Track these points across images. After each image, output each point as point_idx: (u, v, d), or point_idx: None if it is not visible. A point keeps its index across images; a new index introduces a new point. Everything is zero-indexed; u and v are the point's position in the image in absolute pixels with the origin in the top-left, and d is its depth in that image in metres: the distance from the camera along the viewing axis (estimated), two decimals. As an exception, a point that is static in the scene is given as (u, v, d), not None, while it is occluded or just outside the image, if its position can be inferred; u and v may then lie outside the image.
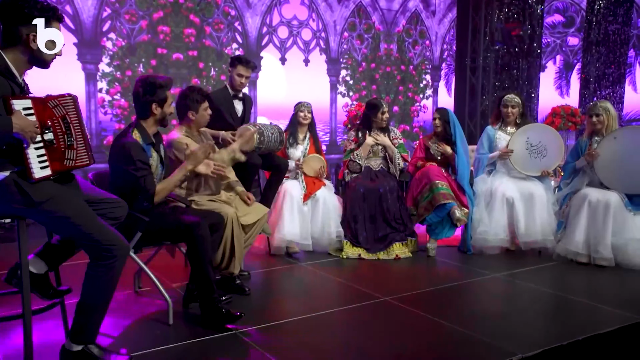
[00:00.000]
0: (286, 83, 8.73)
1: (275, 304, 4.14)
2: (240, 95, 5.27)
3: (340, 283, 4.67)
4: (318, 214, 5.53)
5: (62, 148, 2.78)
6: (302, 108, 5.68)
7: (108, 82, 7.26)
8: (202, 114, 4.24)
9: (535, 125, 5.80)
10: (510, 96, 5.82)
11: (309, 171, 5.65)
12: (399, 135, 5.97)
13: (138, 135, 3.55)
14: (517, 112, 5.78)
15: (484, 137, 5.94)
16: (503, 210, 5.54)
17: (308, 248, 5.49)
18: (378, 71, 9.61)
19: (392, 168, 5.80)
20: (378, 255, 5.44)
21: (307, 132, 5.80)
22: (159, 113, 3.62)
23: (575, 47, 11.30)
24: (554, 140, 5.67)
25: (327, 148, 9.15)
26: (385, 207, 5.54)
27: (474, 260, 5.40)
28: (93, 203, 2.95)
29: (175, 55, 7.60)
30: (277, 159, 5.30)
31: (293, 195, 5.43)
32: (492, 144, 5.86)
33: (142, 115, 3.62)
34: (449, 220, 5.49)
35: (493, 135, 5.86)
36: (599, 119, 5.41)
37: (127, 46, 7.32)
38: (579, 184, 5.48)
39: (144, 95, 3.56)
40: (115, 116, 7.33)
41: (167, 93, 3.63)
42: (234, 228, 4.07)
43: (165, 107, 3.63)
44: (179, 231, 3.59)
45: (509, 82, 9.77)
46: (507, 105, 5.78)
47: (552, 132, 5.76)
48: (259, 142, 4.81)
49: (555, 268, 5.18)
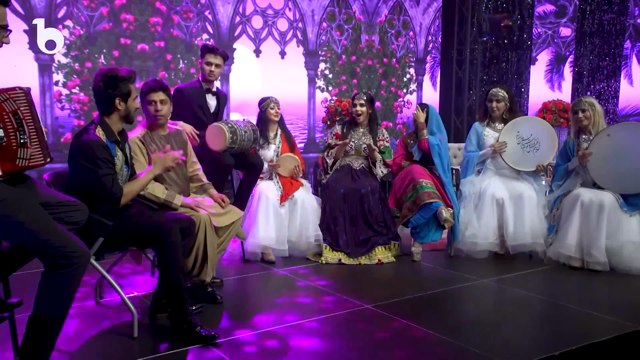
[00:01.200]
0: (261, 77, 8.70)
1: (249, 313, 4.11)
2: (214, 90, 5.22)
3: (319, 290, 4.66)
4: (295, 216, 5.52)
5: (14, 146, 2.73)
6: (271, 104, 5.64)
7: (65, 74, 7.15)
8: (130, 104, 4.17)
9: (524, 119, 5.83)
10: (495, 90, 5.85)
11: (283, 171, 5.64)
12: (387, 137, 5.97)
13: (101, 133, 3.50)
14: (504, 107, 5.80)
15: (471, 134, 5.96)
16: (493, 212, 5.57)
17: (285, 254, 5.48)
18: (359, 64, 9.62)
19: (374, 168, 5.81)
20: (359, 260, 5.44)
21: (277, 129, 5.78)
22: (123, 108, 3.58)
23: (567, 38, 11.41)
24: (545, 131, 5.71)
25: (305, 146, 9.14)
26: (367, 208, 5.54)
27: (461, 265, 5.42)
28: (49, 206, 2.90)
29: (140, 45, 7.53)
30: (251, 157, 5.27)
31: (269, 196, 5.41)
32: (479, 140, 5.88)
33: (105, 111, 3.58)
34: (435, 222, 5.50)
35: (481, 132, 5.89)
36: (585, 115, 5.44)
37: (86, 35, 7.21)
38: (571, 185, 5.50)
39: (105, 89, 3.52)
40: (74, 112, 7.23)
41: (131, 86, 3.59)
42: (207, 232, 4.06)
43: (129, 101, 3.59)
44: (147, 236, 3.55)
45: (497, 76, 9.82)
46: (492, 99, 5.80)
47: (542, 124, 5.80)
48: (232, 142, 4.78)
49: (547, 273, 5.20)
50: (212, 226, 4.12)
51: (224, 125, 4.80)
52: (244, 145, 4.93)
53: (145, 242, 3.65)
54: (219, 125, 4.80)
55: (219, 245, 4.29)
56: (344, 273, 5.17)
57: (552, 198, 5.59)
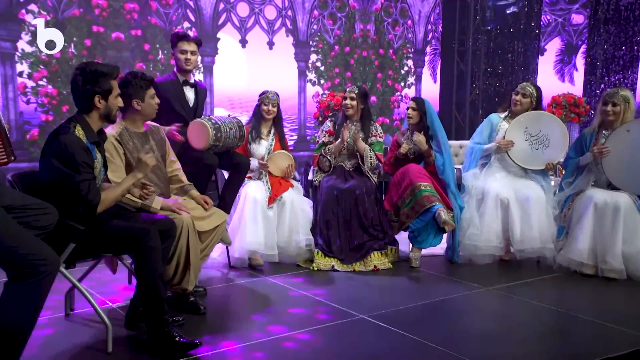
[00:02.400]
0: (247, 69, 8.67)
1: (235, 324, 4.09)
2: (192, 82, 5.19)
3: (310, 299, 4.63)
4: (285, 219, 5.50)
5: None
6: (265, 101, 5.63)
7: (30, 64, 7.04)
8: (149, 103, 4.17)
9: (532, 114, 5.77)
10: (525, 83, 5.86)
11: (274, 170, 5.61)
12: (380, 132, 5.95)
13: (81, 133, 3.45)
14: (528, 104, 5.74)
15: (485, 124, 5.94)
16: (496, 214, 5.56)
17: (274, 259, 5.45)
18: (353, 56, 9.59)
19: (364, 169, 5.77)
20: (354, 266, 5.42)
21: (272, 127, 5.76)
22: (103, 107, 3.54)
23: (579, 26, 11.33)
24: (555, 127, 5.70)
25: (295, 144, 9.11)
26: (361, 211, 5.53)
27: (463, 271, 5.41)
28: (13, 210, 2.86)
29: (114, 34, 7.44)
30: (237, 156, 5.25)
31: (256, 198, 5.38)
32: (492, 133, 5.85)
33: (83, 109, 3.54)
34: (434, 226, 5.48)
35: (497, 123, 5.86)
36: (615, 110, 5.34)
37: (54, 21, 7.10)
38: (584, 184, 5.46)
39: (83, 85, 3.47)
40: (41, 106, 7.11)
41: (112, 83, 3.56)
42: (190, 237, 4.03)
43: (110, 99, 3.55)
44: (123, 240, 3.52)
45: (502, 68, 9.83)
46: (518, 91, 5.78)
47: (551, 119, 5.79)
48: (215, 140, 4.76)
49: (557, 280, 5.20)
50: (194, 230, 4.10)
51: (207, 121, 4.76)
52: (229, 143, 4.90)
53: (121, 247, 3.61)
54: (202, 122, 4.76)
55: (202, 250, 4.26)
56: (337, 281, 5.15)
57: (562, 197, 5.57)
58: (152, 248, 3.48)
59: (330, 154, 5.80)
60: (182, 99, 5.12)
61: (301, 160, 8.69)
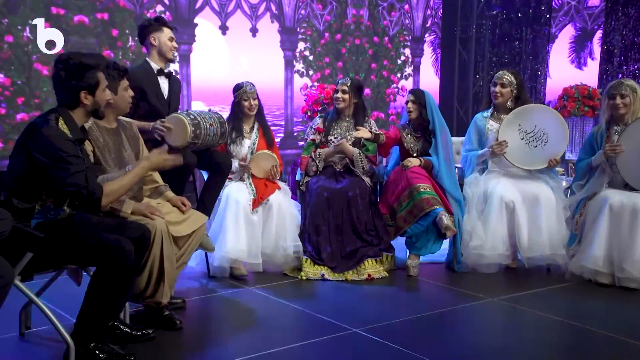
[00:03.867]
0: (228, 58, 8.67)
1: (214, 340, 4.09)
2: (167, 71, 5.19)
3: (298, 311, 4.64)
4: (271, 224, 5.50)
5: None
6: (245, 95, 5.60)
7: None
8: (122, 96, 4.16)
9: (523, 109, 5.72)
10: (501, 72, 5.82)
11: (257, 172, 5.62)
12: (375, 129, 5.93)
13: (65, 127, 3.43)
14: (509, 94, 5.75)
15: (471, 128, 5.97)
16: (501, 218, 5.56)
17: (258, 268, 5.45)
18: (345, 44, 9.60)
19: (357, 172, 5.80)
20: (346, 275, 5.43)
21: (255, 122, 5.76)
22: (91, 102, 3.53)
23: (595, 9, 11.32)
24: (550, 118, 5.70)
25: (282, 141, 9.11)
26: (354, 215, 5.54)
27: (466, 280, 5.42)
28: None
29: (77, 17, 7.35)
30: (218, 155, 5.24)
31: (239, 201, 5.38)
32: (482, 137, 5.87)
33: (69, 105, 3.52)
34: (434, 230, 5.51)
35: (484, 125, 5.88)
36: (624, 101, 5.37)
37: (4, 1, 7.01)
38: (597, 186, 5.46)
39: (68, 80, 3.45)
40: (-7, 97, 7.06)
41: (99, 75, 3.54)
42: (164, 244, 3.99)
43: (98, 93, 3.54)
44: (91, 252, 3.46)
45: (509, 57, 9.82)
46: (496, 82, 5.78)
47: (544, 110, 5.83)
48: (194, 137, 4.74)
49: (569, 291, 5.20)
50: (169, 236, 4.06)
51: (185, 116, 4.74)
52: (209, 140, 4.89)
53: (87, 259, 3.55)
54: (179, 117, 4.74)
55: (179, 258, 4.23)
56: (327, 291, 5.15)
57: (573, 201, 5.57)
58: (123, 266, 3.43)
59: (319, 160, 5.82)
60: (157, 90, 5.10)
61: (288, 158, 8.68)
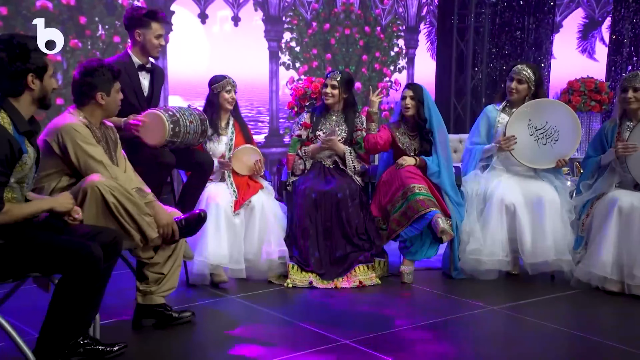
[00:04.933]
0: (209, 50, 8.65)
1: (194, 353, 4.08)
2: (149, 66, 5.20)
3: (284, 322, 4.65)
4: (254, 227, 5.51)
5: None
6: (227, 87, 5.60)
7: None
8: (114, 98, 4.18)
9: (535, 103, 5.72)
10: (520, 67, 5.78)
11: (240, 169, 5.61)
12: (363, 126, 5.95)
13: (7, 121, 3.35)
14: (526, 91, 5.73)
15: (481, 120, 5.95)
16: (502, 221, 5.57)
17: (241, 275, 5.45)
18: (334, 34, 9.59)
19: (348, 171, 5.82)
20: (335, 282, 5.45)
21: (230, 117, 5.77)
22: (38, 88, 3.47)
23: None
24: (564, 116, 5.69)
25: (266, 139, 9.09)
26: (344, 217, 5.55)
27: (464, 288, 5.43)
28: None
29: (39, 2, 7.22)
30: (198, 154, 5.26)
31: (219, 203, 5.38)
32: (491, 130, 5.87)
33: (11, 92, 3.44)
34: (429, 234, 5.52)
35: (494, 118, 5.87)
36: (637, 95, 5.35)
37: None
38: (605, 186, 5.46)
39: (11, 62, 3.36)
40: None
41: (47, 59, 3.50)
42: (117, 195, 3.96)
43: (45, 78, 3.48)
44: (57, 258, 3.41)
45: (510, 48, 9.78)
46: (513, 77, 5.76)
47: (558, 107, 5.83)
48: (173, 135, 4.76)
49: (575, 299, 5.21)
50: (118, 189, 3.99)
51: (163, 113, 4.76)
52: (189, 139, 4.91)
53: (51, 266, 3.49)
54: (157, 113, 4.76)
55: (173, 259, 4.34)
56: (316, 300, 5.16)
57: (580, 202, 5.58)
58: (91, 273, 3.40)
59: (305, 157, 5.84)
60: (136, 87, 5.11)
61: (273, 157, 8.67)
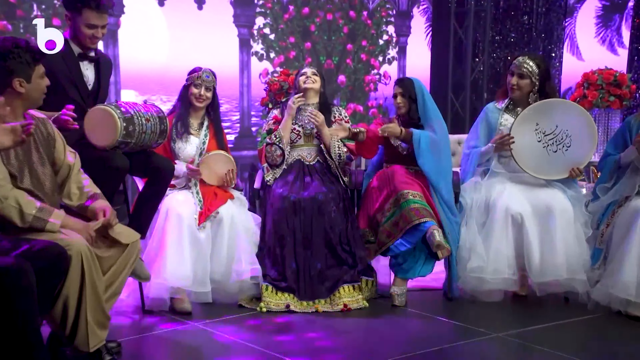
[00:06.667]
0: (168, 37, 8.64)
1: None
2: (92, 55, 5.15)
3: (257, 352, 4.63)
4: (222, 243, 5.51)
5: None
6: (197, 81, 5.60)
7: None
8: (36, 85, 4.13)
9: (544, 104, 5.71)
10: (521, 59, 5.79)
11: (209, 178, 5.60)
12: (345, 116, 6.00)
13: None
14: (528, 87, 5.75)
15: (480, 121, 5.99)
16: (506, 235, 5.57)
17: (206, 299, 5.43)
18: (314, 20, 9.61)
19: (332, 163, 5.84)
20: (316, 305, 5.45)
21: (205, 117, 5.77)
22: None
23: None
24: (576, 117, 5.69)
25: (236, 140, 9.09)
26: (326, 223, 5.56)
27: (465, 311, 5.45)
28: None
29: None
30: (156, 158, 5.21)
31: (181, 214, 5.38)
32: (492, 133, 5.86)
33: None
34: (424, 249, 5.53)
35: (496, 118, 5.88)
36: None
37: None
38: (628, 189, 5.45)
39: None
40: None
41: None
42: (86, 271, 3.93)
43: None
44: None
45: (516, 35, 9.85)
46: (513, 72, 5.77)
47: (569, 107, 5.84)
48: (126, 135, 4.73)
49: (592, 324, 5.22)
50: (93, 259, 3.99)
51: (114, 109, 4.72)
52: (145, 140, 4.89)
53: None
54: (107, 109, 4.72)
55: (108, 287, 4.20)
56: (294, 326, 5.14)
57: (597, 209, 5.59)
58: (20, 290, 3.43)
59: (279, 139, 5.80)
60: (77, 79, 5.05)
61: (245, 162, 8.68)
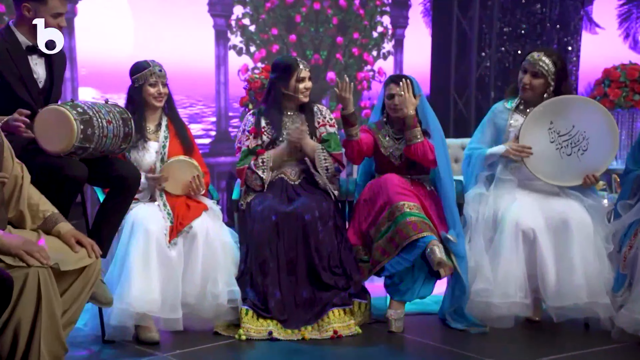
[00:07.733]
0: (133, 28, 8.64)
1: None
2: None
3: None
4: (195, 261, 5.47)
5: None
6: (152, 78, 5.57)
7: None
8: None
9: (557, 101, 5.71)
10: (535, 55, 5.76)
11: (173, 187, 5.59)
12: (331, 118, 6.02)
13: None
14: (541, 87, 5.74)
15: (487, 121, 6.00)
16: (517, 253, 5.54)
17: (177, 326, 5.40)
18: (299, 10, 9.62)
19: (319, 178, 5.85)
20: (303, 332, 5.45)
21: (162, 117, 5.77)
22: None
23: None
24: (595, 117, 5.69)
25: (212, 145, 9.08)
26: (313, 245, 5.55)
27: (471, 339, 5.43)
28: None
29: None
30: (120, 165, 5.19)
31: (149, 230, 5.34)
32: (501, 135, 5.88)
33: None
34: (424, 267, 5.54)
35: (505, 119, 5.90)
36: None
37: None
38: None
39: None
40: None
41: None
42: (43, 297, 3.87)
43: None
44: None
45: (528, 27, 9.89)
46: (526, 69, 5.77)
47: (588, 106, 5.83)
48: (84, 138, 4.68)
49: (616, 355, 5.21)
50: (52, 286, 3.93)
51: (69, 109, 4.65)
52: (107, 144, 4.84)
53: None
54: (60, 110, 4.66)
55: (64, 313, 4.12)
56: (277, 356, 5.16)
57: (620, 228, 5.57)
58: None
59: (264, 168, 5.81)
60: (26, 76, 5.00)
61: (222, 169, 8.73)
